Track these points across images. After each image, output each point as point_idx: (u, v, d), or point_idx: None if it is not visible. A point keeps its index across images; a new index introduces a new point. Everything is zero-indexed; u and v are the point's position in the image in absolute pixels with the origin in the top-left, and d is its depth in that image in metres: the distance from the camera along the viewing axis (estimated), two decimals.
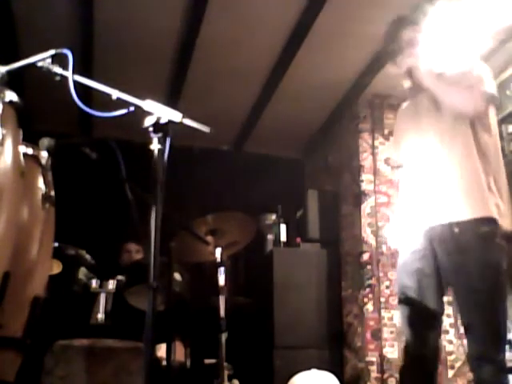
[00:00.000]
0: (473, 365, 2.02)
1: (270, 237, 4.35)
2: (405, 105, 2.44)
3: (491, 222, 2.04)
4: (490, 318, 2.00)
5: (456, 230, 2.05)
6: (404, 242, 2.25)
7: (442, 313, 2.17)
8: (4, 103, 1.45)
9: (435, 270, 2.13)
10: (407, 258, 2.20)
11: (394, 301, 3.85)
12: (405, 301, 2.17)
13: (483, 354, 1.97)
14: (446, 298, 2.19)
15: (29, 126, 1.60)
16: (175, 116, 1.53)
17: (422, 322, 2.13)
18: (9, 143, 1.41)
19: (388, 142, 4.21)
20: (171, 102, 4.04)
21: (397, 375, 3.71)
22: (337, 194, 4.47)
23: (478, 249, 2.02)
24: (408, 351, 2.17)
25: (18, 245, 1.43)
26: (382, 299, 3.84)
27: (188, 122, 1.54)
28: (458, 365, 3.80)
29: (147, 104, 1.54)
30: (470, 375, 3.75)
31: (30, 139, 1.63)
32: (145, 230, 1.46)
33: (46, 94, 3.11)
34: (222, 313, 2.59)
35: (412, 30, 2.33)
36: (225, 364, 2.55)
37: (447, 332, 3.82)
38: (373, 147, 4.17)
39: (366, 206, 4.05)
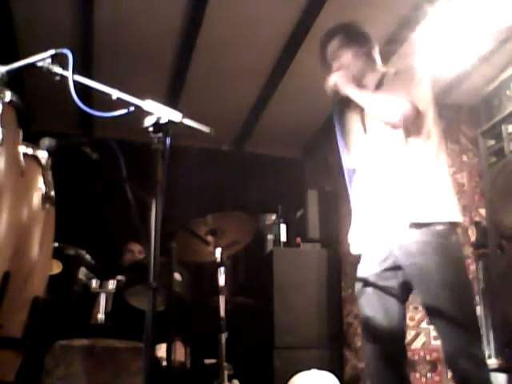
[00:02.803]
0: (453, 362, 1.99)
1: (269, 237, 4.35)
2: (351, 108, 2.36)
3: (446, 223, 2.05)
4: (467, 313, 2.02)
5: (413, 230, 2.05)
6: (364, 247, 2.25)
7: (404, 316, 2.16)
8: (4, 103, 1.45)
9: (395, 275, 2.13)
10: (366, 264, 2.22)
11: None
12: (367, 322, 2.16)
13: (464, 350, 1.95)
14: None
15: (29, 126, 1.60)
16: (175, 116, 1.53)
17: (384, 338, 2.12)
18: (9, 143, 1.41)
19: None
20: (171, 102, 4.04)
21: None
22: (337, 194, 4.46)
23: (436, 247, 2.02)
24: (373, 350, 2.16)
25: (18, 245, 1.43)
26: None
27: (188, 122, 1.54)
28: None
29: (147, 104, 1.54)
30: None
31: (30, 139, 1.63)
32: (145, 230, 1.46)
33: (46, 94, 3.11)
34: (222, 313, 2.59)
35: (338, 40, 2.32)
36: (225, 364, 2.55)
37: None
38: None
39: None
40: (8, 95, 1.47)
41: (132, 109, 1.55)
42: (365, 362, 2.24)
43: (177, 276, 2.73)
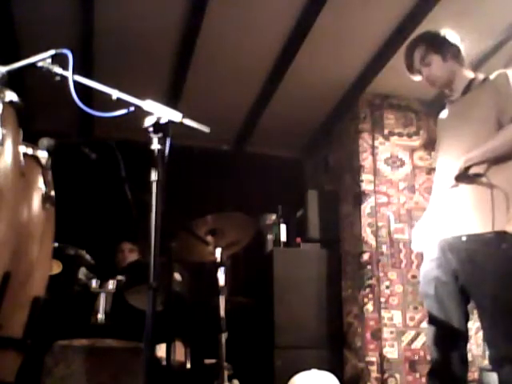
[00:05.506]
0: (497, 367, 2.04)
1: (269, 237, 4.35)
2: (444, 112, 2.45)
3: (493, 232, 2.05)
4: (507, 319, 2.02)
5: (464, 238, 2.11)
6: (426, 249, 2.31)
7: (466, 320, 2.20)
8: (4, 103, 1.45)
9: (452, 278, 2.17)
10: (427, 267, 2.27)
11: (394, 301, 3.86)
12: (431, 321, 2.23)
13: (505, 355, 1.99)
14: None
15: (29, 126, 1.60)
16: (175, 116, 1.53)
17: (446, 337, 2.18)
18: (9, 143, 1.41)
19: (388, 142, 4.21)
20: (171, 102, 4.04)
21: (397, 375, 3.72)
22: (337, 194, 4.46)
23: (483, 255, 2.06)
24: (433, 368, 2.21)
25: (18, 245, 1.43)
26: (382, 299, 3.84)
27: (188, 122, 1.54)
28: None
29: (147, 104, 1.54)
30: (470, 375, 3.76)
31: (30, 139, 1.63)
32: (144, 230, 1.46)
33: (45, 94, 3.10)
34: (222, 313, 2.59)
35: (423, 50, 2.38)
36: (225, 364, 2.55)
37: None
38: (373, 147, 4.17)
39: (366, 206, 4.05)
40: (8, 95, 1.47)
41: (132, 109, 1.55)
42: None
43: (177, 276, 2.73)
